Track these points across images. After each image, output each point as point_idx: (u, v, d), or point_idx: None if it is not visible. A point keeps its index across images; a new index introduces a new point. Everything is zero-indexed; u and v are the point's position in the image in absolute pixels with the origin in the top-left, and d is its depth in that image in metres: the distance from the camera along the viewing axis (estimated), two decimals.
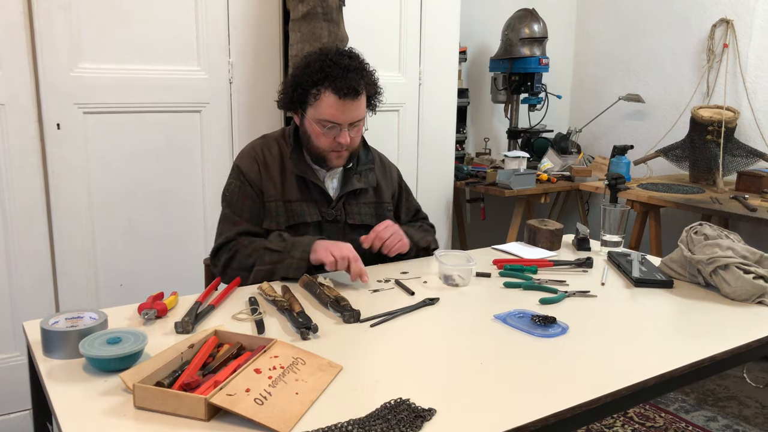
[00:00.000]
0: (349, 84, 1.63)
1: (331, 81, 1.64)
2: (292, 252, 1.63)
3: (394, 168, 1.97)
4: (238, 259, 1.68)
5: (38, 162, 2.17)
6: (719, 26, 3.46)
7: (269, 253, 1.65)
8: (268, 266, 1.64)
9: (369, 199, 1.85)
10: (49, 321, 1.20)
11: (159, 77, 2.33)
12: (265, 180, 1.75)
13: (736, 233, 1.70)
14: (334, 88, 1.63)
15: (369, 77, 1.72)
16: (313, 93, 1.66)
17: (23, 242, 2.18)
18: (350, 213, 1.80)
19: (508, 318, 1.40)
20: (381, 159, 1.94)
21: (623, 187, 3.00)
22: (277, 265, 1.63)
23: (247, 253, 1.67)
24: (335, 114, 1.66)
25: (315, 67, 1.66)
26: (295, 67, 1.74)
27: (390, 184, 1.92)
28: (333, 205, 1.78)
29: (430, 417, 0.99)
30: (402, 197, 1.96)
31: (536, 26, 3.58)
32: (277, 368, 1.08)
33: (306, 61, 1.71)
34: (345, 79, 1.63)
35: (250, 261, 1.66)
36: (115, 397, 1.03)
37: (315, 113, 1.68)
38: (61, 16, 2.13)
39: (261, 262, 1.64)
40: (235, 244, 1.70)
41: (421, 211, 2.02)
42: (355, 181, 1.80)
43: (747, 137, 3.35)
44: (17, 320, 2.20)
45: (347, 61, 1.67)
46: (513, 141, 3.83)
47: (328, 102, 1.65)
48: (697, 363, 1.24)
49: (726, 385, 2.83)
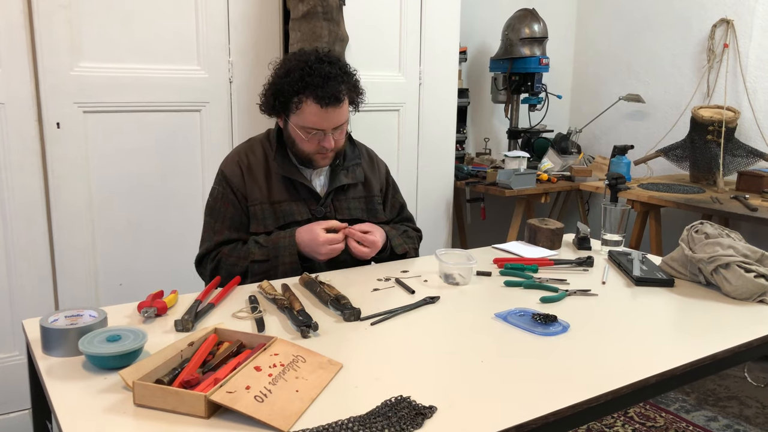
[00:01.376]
0: (330, 92, 1.63)
1: (312, 90, 1.63)
2: (280, 257, 1.67)
3: (382, 163, 1.97)
4: (224, 268, 1.71)
5: (38, 161, 2.17)
6: (719, 26, 3.46)
7: (258, 264, 1.68)
8: (261, 275, 1.66)
9: (358, 193, 1.85)
10: (49, 319, 1.20)
11: (159, 76, 2.33)
12: (249, 184, 1.75)
13: (737, 232, 1.70)
14: (315, 97, 1.63)
15: (350, 81, 1.71)
16: (295, 102, 1.66)
17: (23, 241, 2.18)
18: (339, 209, 1.80)
19: (509, 316, 1.40)
20: (369, 153, 1.94)
21: (623, 187, 3.00)
22: (269, 272, 1.67)
23: (231, 262, 1.70)
24: (318, 122, 1.66)
25: (295, 75, 1.64)
26: (275, 75, 1.72)
27: (378, 178, 1.91)
28: (322, 202, 1.78)
29: (431, 414, 0.99)
30: (388, 192, 1.95)
31: (536, 26, 3.58)
32: (278, 366, 1.08)
33: (285, 69, 1.68)
34: (326, 87, 1.62)
35: (237, 270, 1.69)
36: (115, 394, 1.03)
37: (298, 120, 1.68)
38: (62, 15, 2.13)
39: (253, 273, 1.68)
40: (216, 254, 1.73)
41: (405, 209, 2.00)
42: (342, 176, 1.80)
43: (747, 137, 3.35)
44: (17, 319, 2.20)
45: (327, 69, 1.65)
46: (513, 141, 3.83)
47: (311, 110, 1.65)
48: (697, 361, 1.23)
49: (727, 384, 2.82)
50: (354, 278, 1.66)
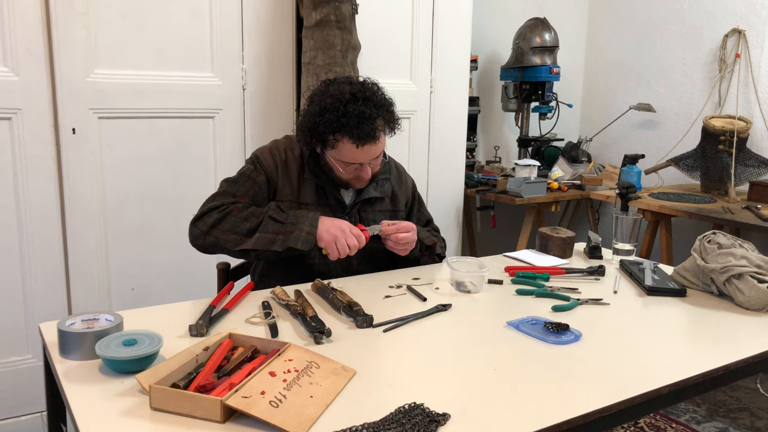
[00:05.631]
0: (365, 133, 1.63)
1: (347, 130, 1.63)
2: (299, 225, 1.63)
3: (409, 178, 1.99)
4: (232, 221, 1.64)
5: (53, 166, 2.20)
6: (731, 36, 3.45)
7: (273, 222, 1.63)
8: (271, 235, 1.61)
9: (385, 207, 1.86)
10: (66, 322, 1.22)
11: (173, 83, 2.36)
12: (281, 178, 1.75)
13: (750, 242, 1.69)
14: (351, 137, 1.63)
15: (386, 115, 1.69)
16: (331, 140, 1.66)
17: (38, 244, 2.21)
18: (365, 220, 1.81)
19: (521, 325, 1.40)
20: (398, 168, 1.96)
21: (634, 196, 2.99)
22: (279, 236, 1.61)
23: (243, 216, 1.64)
24: (355, 157, 1.67)
25: (330, 116, 1.63)
26: (309, 112, 1.69)
27: (404, 192, 1.94)
28: (348, 211, 1.79)
29: (444, 422, 0.99)
30: (414, 207, 1.97)
31: (547, 35, 3.59)
32: (292, 371, 1.09)
33: (320, 107, 1.66)
34: (361, 127, 1.62)
35: (246, 226, 1.63)
36: (132, 398, 1.04)
37: (335, 155, 1.69)
38: (79, 22, 2.16)
39: (264, 230, 1.62)
40: (227, 207, 1.66)
41: (432, 223, 2.03)
42: (371, 189, 1.81)
43: (759, 147, 3.34)
44: (30, 323, 2.22)
45: (362, 108, 1.63)
46: (523, 149, 3.83)
47: (347, 148, 1.65)
48: (710, 372, 1.23)
49: (738, 396, 2.80)
50: (366, 285, 1.67)
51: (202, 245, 1.68)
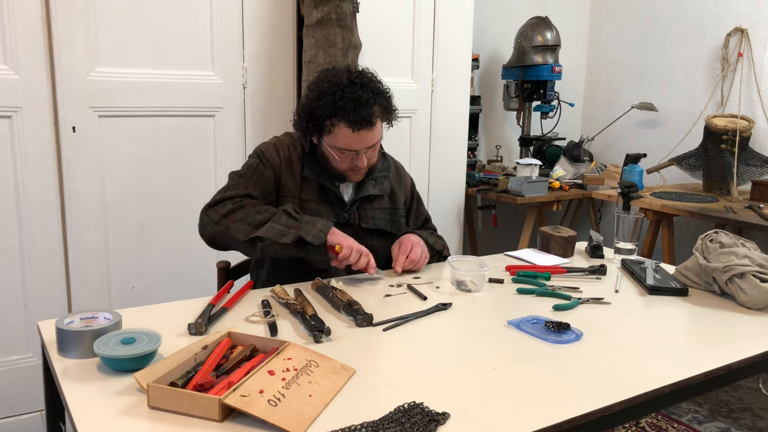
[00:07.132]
0: (362, 117, 1.63)
1: (343, 114, 1.64)
2: (313, 222, 1.63)
3: (408, 176, 1.99)
4: (245, 212, 1.64)
5: (53, 164, 2.19)
6: (734, 35, 3.44)
7: (287, 216, 1.63)
8: (283, 227, 1.60)
9: (384, 204, 1.86)
10: (64, 321, 1.21)
11: (173, 82, 2.35)
12: (285, 174, 1.76)
13: (752, 242, 1.68)
14: (347, 121, 1.64)
15: (382, 102, 1.71)
16: (327, 124, 1.67)
17: (37, 244, 2.20)
18: (364, 217, 1.81)
19: (521, 324, 1.39)
20: (396, 166, 1.96)
21: (636, 195, 2.98)
22: (291, 229, 1.60)
23: (258, 209, 1.65)
24: (351, 143, 1.67)
25: (327, 100, 1.65)
26: (308, 97, 1.72)
27: (404, 190, 1.94)
28: (347, 208, 1.79)
29: (444, 421, 0.98)
30: (413, 205, 1.98)
31: (549, 34, 3.58)
32: (291, 370, 1.08)
33: (318, 92, 1.69)
34: (357, 111, 1.63)
35: (260, 218, 1.62)
36: (130, 396, 1.04)
37: (331, 141, 1.69)
38: (79, 20, 2.15)
39: (277, 221, 1.61)
40: (243, 200, 1.67)
41: (430, 222, 2.03)
42: (370, 187, 1.81)
43: (761, 146, 3.33)
44: (30, 322, 2.22)
45: (359, 93, 1.65)
46: (525, 148, 3.82)
47: (343, 133, 1.66)
48: (712, 372, 1.22)
49: (740, 396, 2.79)
50: (366, 284, 1.66)
51: (210, 234, 1.67)
